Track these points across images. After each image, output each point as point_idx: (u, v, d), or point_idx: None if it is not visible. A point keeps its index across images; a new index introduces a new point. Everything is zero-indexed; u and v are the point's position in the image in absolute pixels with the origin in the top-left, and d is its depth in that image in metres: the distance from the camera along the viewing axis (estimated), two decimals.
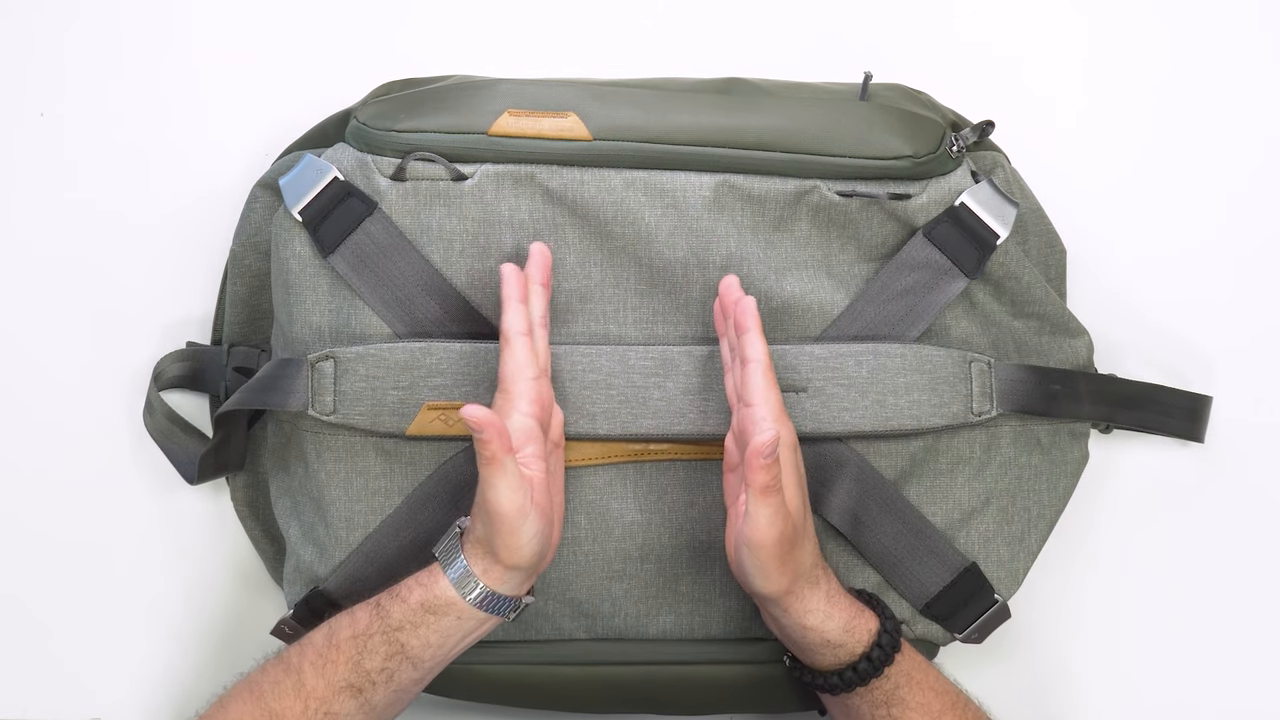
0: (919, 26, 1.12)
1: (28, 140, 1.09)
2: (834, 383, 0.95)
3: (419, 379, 0.93)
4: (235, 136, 1.08)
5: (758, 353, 0.90)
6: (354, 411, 0.93)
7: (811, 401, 0.95)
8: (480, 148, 0.95)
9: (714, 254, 0.96)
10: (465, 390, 0.94)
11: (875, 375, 0.95)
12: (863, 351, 0.95)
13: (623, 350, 0.95)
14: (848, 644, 0.92)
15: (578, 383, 0.95)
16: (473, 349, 0.94)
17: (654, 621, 0.99)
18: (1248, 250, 1.11)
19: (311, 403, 0.94)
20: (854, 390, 0.95)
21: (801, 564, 0.90)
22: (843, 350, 0.95)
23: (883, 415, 0.95)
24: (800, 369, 0.95)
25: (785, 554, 0.89)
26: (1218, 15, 1.12)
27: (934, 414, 0.96)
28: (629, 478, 0.98)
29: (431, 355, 0.94)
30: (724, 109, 0.97)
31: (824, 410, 0.95)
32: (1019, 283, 0.99)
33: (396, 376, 0.93)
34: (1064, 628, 1.08)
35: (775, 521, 0.87)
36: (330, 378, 0.93)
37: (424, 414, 0.93)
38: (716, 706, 1.03)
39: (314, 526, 0.98)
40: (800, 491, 0.91)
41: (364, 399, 0.94)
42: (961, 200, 0.97)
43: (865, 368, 0.95)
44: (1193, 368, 1.10)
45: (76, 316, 1.08)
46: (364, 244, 0.95)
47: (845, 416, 0.95)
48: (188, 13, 1.10)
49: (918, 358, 0.96)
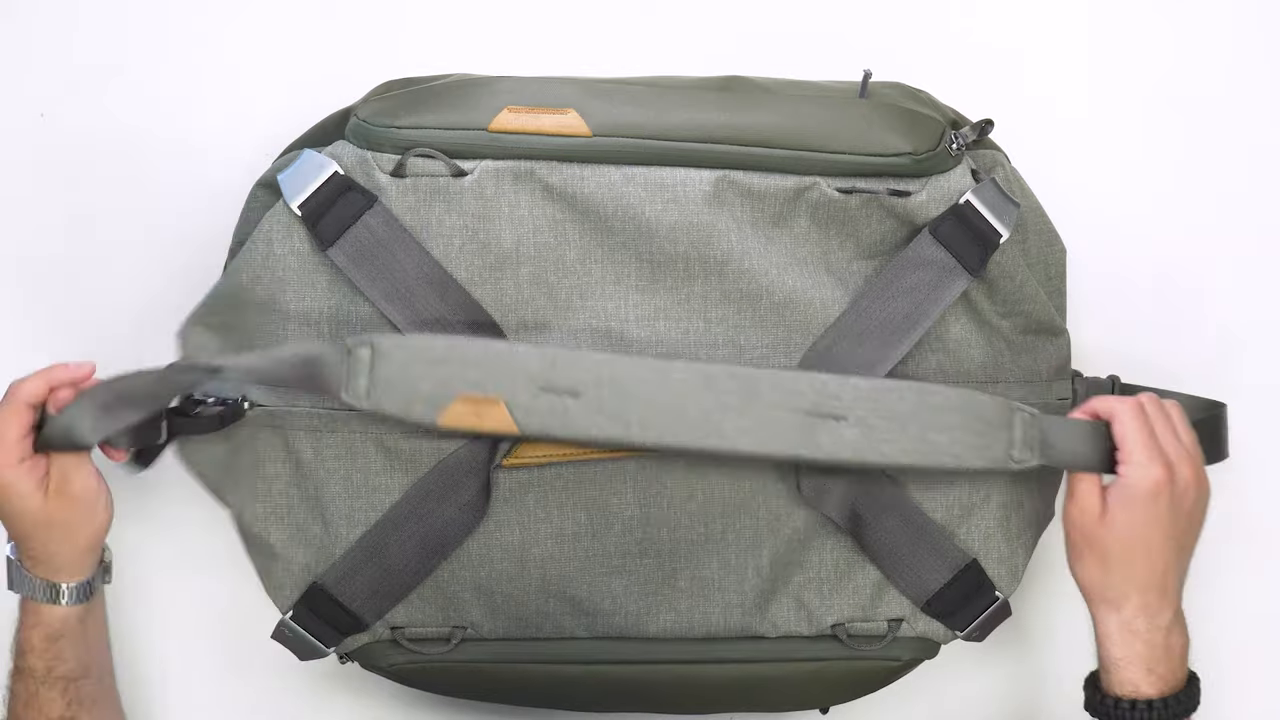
0: (919, 25, 1.12)
1: (28, 140, 1.09)
2: (875, 414, 0.94)
3: (455, 372, 0.92)
4: (235, 136, 1.08)
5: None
6: (387, 398, 0.92)
7: (851, 431, 0.93)
8: (480, 144, 0.95)
9: (714, 249, 0.96)
10: (500, 386, 0.92)
11: (918, 411, 0.94)
12: (907, 388, 0.94)
13: (663, 363, 0.94)
14: (1114, 674, 0.92)
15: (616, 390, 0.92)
16: (510, 347, 0.93)
17: (654, 619, 0.99)
18: (1248, 250, 1.11)
19: (347, 386, 0.92)
20: (895, 424, 0.94)
21: (1104, 579, 0.92)
22: (887, 385, 0.95)
23: (923, 450, 0.94)
24: (843, 398, 0.94)
25: (1081, 549, 0.92)
26: (1218, 15, 1.13)
27: (975, 455, 0.94)
28: (628, 473, 0.98)
29: (470, 348, 0.93)
30: (724, 106, 0.97)
31: (863, 440, 0.94)
32: (1013, 282, 1.00)
33: (433, 368, 0.92)
34: (1064, 628, 1.08)
35: (1072, 507, 0.92)
36: (366, 363, 0.92)
37: (457, 405, 0.92)
38: (716, 706, 1.03)
39: (306, 526, 0.98)
40: (1130, 525, 0.91)
41: (398, 386, 0.92)
42: (966, 199, 0.97)
43: (908, 403, 0.94)
44: (1193, 367, 1.10)
45: (76, 316, 1.08)
46: (364, 237, 0.95)
47: (884, 448, 0.94)
48: (188, 12, 1.10)
49: (962, 398, 0.95)
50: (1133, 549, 0.90)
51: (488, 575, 0.99)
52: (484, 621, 1.00)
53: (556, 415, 0.92)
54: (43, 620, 0.94)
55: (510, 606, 0.99)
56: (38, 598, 0.93)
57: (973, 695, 1.10)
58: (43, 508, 0.91)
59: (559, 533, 0.99)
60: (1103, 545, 0.91)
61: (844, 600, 1.01)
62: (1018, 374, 1.01)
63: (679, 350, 0.97)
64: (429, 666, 1.00)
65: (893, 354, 0.97)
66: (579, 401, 0.92)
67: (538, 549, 0.99)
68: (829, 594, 1.01)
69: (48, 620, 0.94)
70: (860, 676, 1.01)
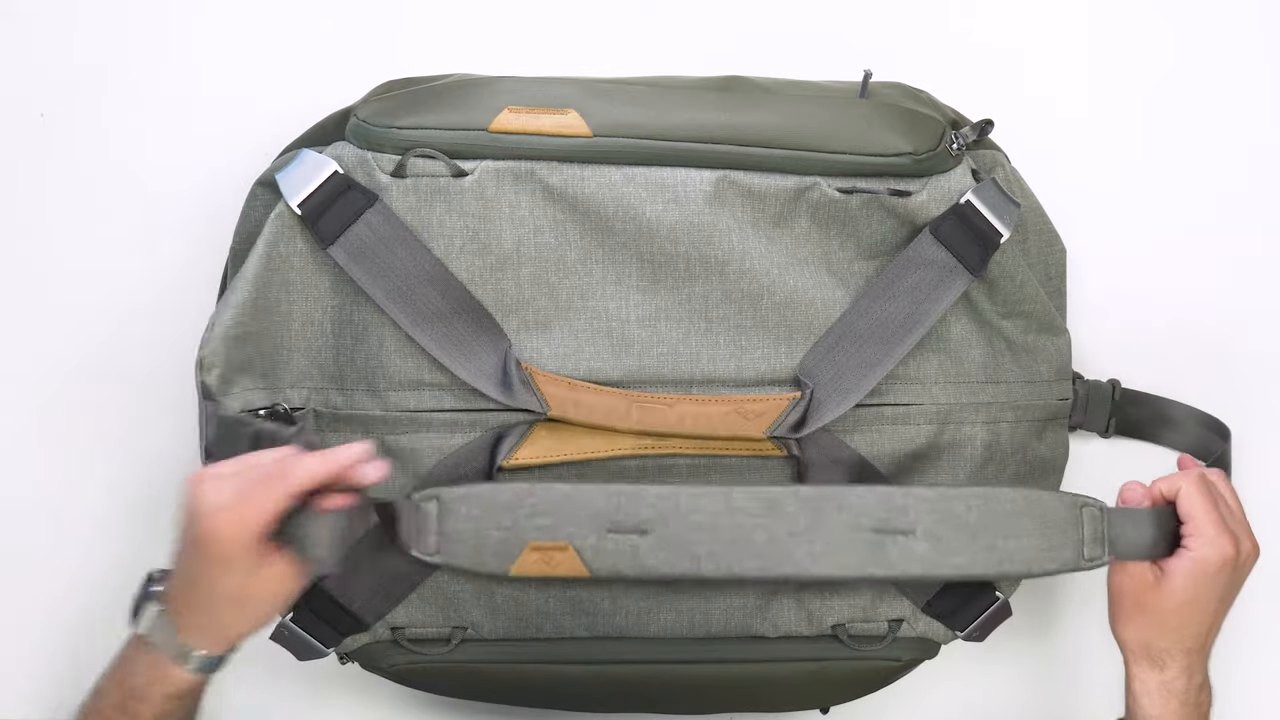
0: (919, 25, 1.12)
1: (28, 140, 1.09)
2: (944, 526, 0.93)
3: (522, 519, 0.91)
4: (235, 136, 1.08)
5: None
6: (457, 552, 0.91)
7: (921, 545, 0.93)
8: (481, 144, 0.95)
9: (715, 249, 0.96)
10: (570, 531, 0.92)
11: (985, 520, 0.93)
12: (973, 495, 0.94)
13: (728, 491, 0.93)
14: None
15: (682, 524, 0.93)
16: (575, 490, 0.92)
17: (654, 619, 0.99)
18: (1248, 250, 1.11)
19: (415, 543, 0.91)
20: (964, 534, 0.93)
21: (1152, 642, 0.92)
22: (952, 494, 0.94)
23: (993, 559, 0.93)
24: (910, 511, 0.93)
25: (1131, 613, 0.92)
26: (1218, 15, 1.13)
27: (1045, 559, 0.93)
28: (630, 476, 0.98)
29: (534, 496, 0.92)
30: (724, 106, 0.97)
31: (934, 554, 0.93)
32: (1013, 282, 1.00)
33: (499, 517, 0.91)
34: (1065, 628, 1.08)
35: (1122, 575, 0.92)
36: (434, 518, 0.90)
37: (527, 554, 0.92)
38: (716, 706, 1.03)
39: None
40: (1177, 593, 0.91)
41: (467, 539, 0.91)
42: (967, 198, 0.97)
43: (975, 511, 0.93)
44: (1194, 367, 1.10)
45: (76, 316, 1.08)
46: (364, 235, 0.95)
47: (955, 560, 0.93)
48: (188, 12, 1.10)
49: (1029, 501, 0.94)
50: (1190, 616, 0.91)
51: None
52: (484, 622, 0.99)
53: (625, 555, 0.92)
54: (171, 679, 0.87)
55: (510, 606, 0.99)
56: (167, 654, 0.87)
57: (973, 695, 1.10)
58: (247, 585, 0.85)
59: None
60: (1158, 611, 0.91)
61: (844, 600, 1.01)
62: (1019, 374, 1.01)
63: (679, 350, 0.97)
64: (429, 667, 1.00)
65: (894, 353, 0.97)
66: (647, 539, 0.92)
67: None
68: (829, 594, 1.01)
69: (176, 680, 0.88)
70: (860, 676, 1.02)
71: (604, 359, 0.97)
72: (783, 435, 0.97)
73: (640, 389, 0.98)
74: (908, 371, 1.00)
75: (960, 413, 1.01)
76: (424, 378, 0.97)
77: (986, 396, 1.01)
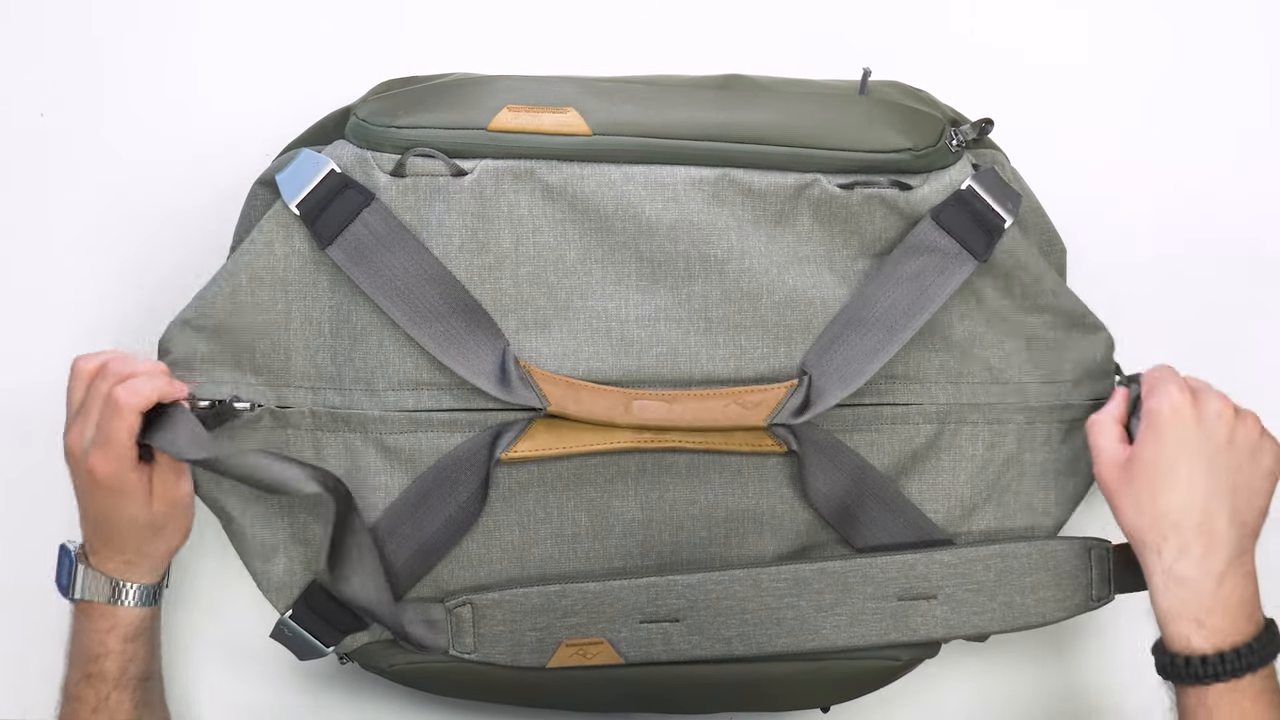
0: (919, 25, 1.12)
1: (28, 140, 1.09)
2: (963, 588, 0.97)
3: (555, 619, 0.96)
4: (235, 136, 1.08)
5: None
6: (494, 651, 0.97)
7: (942, 608, 0.97)
8: (480, 143, 0.95)
9: (715, 248, 0.96)
10: (601, 627, 0.96)
11: (1003, 578, 0.97)
12: (991, 555, 0.97)
13: (755, 573, 0.96)
14: (1165, 629, 0.89)
15: (713, 610, 0.96)
16: (605, 588, 0.96)
17: None
18: (1248, 249, 1.11)
19: (453, 644, 0.97)
20: (983, 594, 0.97)
21: (1137, 520, 0.89)
22: (971, 555, 0.97)
23: (1010, 615, 0.97)
24: (931, 577, 0.97)
25: (1115, 497, 0.90)
26: (1218, 15, 1.13)
27: (1059, 608, 0.97)
28: (630, 475, 0.98)
29: (566, 598, 0.96)
30: (723, 104, 0.97)
31: (954, 616, 0.97)
32: (1028, 273, 0.99)
33: (533, 619, 0.96)
34: (1065, 627, 1.08)
35: (1098, 462, 0.92)
36: (469, 622, 0.97)
37: (562, 650, 0.97)
38: (716, 706, 1.03)
39: (306, 525, 0.98)
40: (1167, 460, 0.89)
41: (503, 640, 0.97)
42: (968, 184, 0.96)
43: (993, 571, 0.97)
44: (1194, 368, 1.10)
45: (76, 316, 1.08)
46: (362, 235, 0.95)
47: (975, 620, 0.97)
48: (188, 12, 1.10)
49: (1043, 554, 0.97)
50: (1160, 480, 0.88)
51: (487, 575, 0.99)
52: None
53: (658, 643, 0.96)
54: (120, 622, 0.94)
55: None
56: (107, 599, 0.94)
57: (973, 695, 1.10)
58: (149, 510, 0.92)
59: (558, 533, 0.99)
60: (1133, 484, 0.89)
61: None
62: (1034, 374, 1.01)
63: (678, 350, 0.97)
64: (429, 667, 0.99)
65: (897, 340, 0.97)
66: (680, 626, 0.96)
67: (537, 549, 0.99)
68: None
69: (125, 621, 0.94)
70: (860, 676, 1.01)
71: (603, 359, 0.97)
72: (784, 422, 0.97)
73: (640, 389, 0.97)
74: (908, 371, 0.99)
75: (961, 413, 1.00)
76: (422, 377, 0.97)
77: (991, 397, 1.01)
